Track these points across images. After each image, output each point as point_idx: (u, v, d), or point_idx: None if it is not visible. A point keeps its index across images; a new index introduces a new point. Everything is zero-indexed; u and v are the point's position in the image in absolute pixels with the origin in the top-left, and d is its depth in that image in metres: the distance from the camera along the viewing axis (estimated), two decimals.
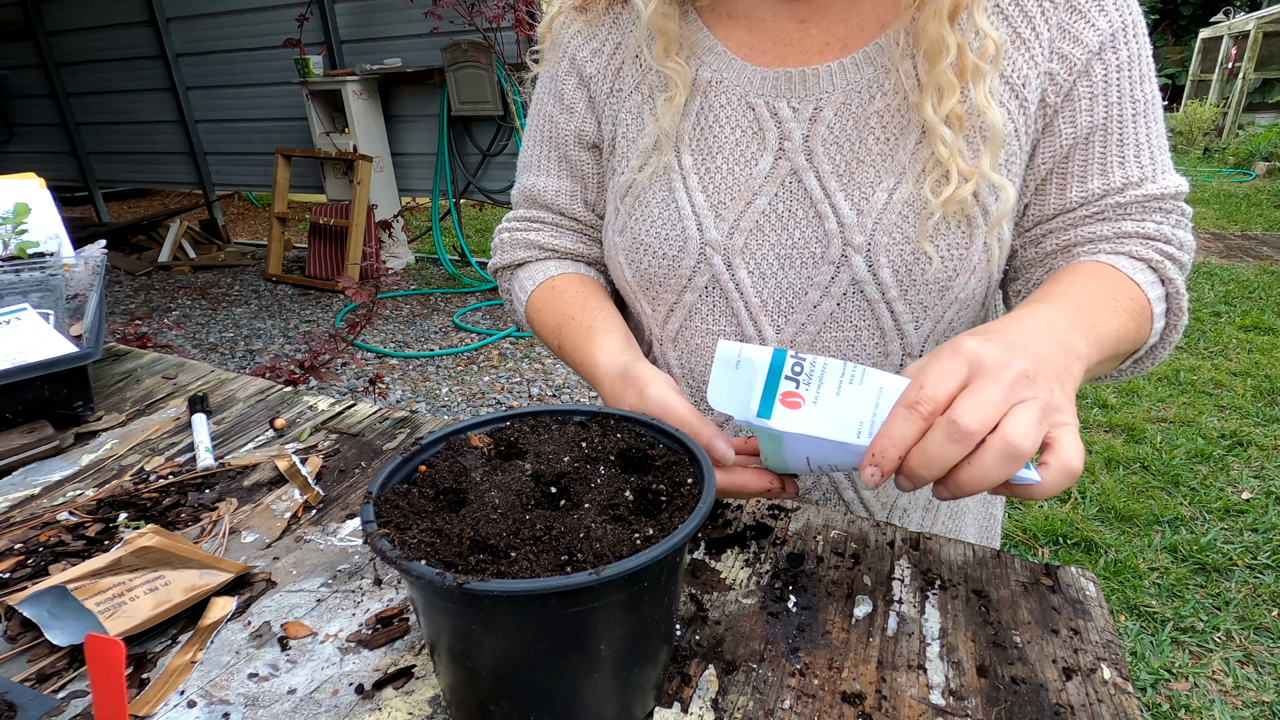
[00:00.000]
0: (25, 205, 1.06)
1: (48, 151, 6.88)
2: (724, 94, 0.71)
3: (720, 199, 0.71)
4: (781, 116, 0.69)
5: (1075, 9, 0.65)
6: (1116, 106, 0.67)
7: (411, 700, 0.49)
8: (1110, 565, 2.19)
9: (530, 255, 0.87)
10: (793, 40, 0.70)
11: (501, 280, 0.92)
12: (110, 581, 0.53)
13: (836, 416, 0.48)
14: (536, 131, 0.84)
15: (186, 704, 0.49)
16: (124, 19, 5.73)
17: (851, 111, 0.67)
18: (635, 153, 0.75)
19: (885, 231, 0.66)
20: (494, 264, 0.91)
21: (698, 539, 0.64)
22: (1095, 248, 0.69)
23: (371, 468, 0.77)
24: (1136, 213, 0.68)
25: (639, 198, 0.75)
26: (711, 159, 0.72)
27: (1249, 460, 2.73)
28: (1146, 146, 0.68)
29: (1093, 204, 0.69)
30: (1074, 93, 0.67)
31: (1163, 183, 0.68)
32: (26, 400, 0.82)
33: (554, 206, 0.85)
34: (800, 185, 0.69)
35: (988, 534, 0.90)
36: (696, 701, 0.48)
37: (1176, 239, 0.68)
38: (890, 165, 0.67)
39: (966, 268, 0.67)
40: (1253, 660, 1.85)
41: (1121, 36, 0.66)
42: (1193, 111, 10.04)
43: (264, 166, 5.60)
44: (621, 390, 0.64)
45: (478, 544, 0.42)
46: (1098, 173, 0.68)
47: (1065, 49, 0.66)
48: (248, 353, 4.11)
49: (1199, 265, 5.01)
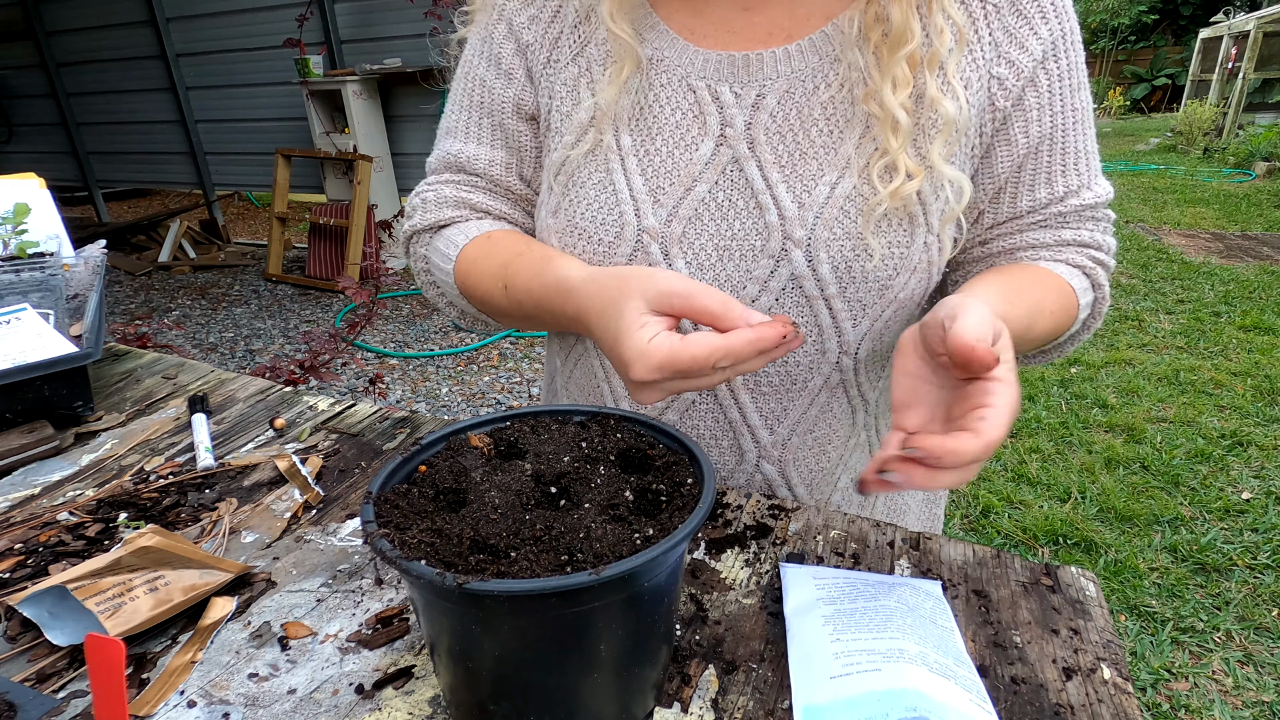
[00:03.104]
0: (25, 205, 1.06)
1: (48, 151, 6.88)
2: (665, 73, 0.69)
3: (659, 183, 0.69)
4: (723, 101, 0.67)
5: (1021, 14, 0.66)
6: (1061, 116, 0.69)
7: (411, 700, 0.49)
8: (1110, 565, 2.19)
9: (461, 215, 0.78)
10: (737, 28, 0.68)
11: (417, 245, 0.81)
12: (110, 581, 0.53)
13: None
14: (465, 96, 0.78)
15: (186, 704, 0.49)
16: (124, 19, 5.73)
17: (795, 100, 0.66)
18: (570, 128, 0.71)
19: (826, 226, 0.65)
20: (414, 225, 0.80)
21: (698, 539, 0.64)
22: (1037, 254, 0.73)
23: (371, 468, 0.77)
24: (1074, 221, 0.73)
25: (573, 177, 0.71)
26: (651, 141, 0.69)
27: (1249, 460, 2.73)
28: (1084, 154, 0.71)
29: (1039, 211, 0.72)
30: (1024, 101, 0.68)
31: (1096, 190, 0.73)
32: (26, 400, 0.82)
33: (487, 176, 0.78)
34: (741, 174, 0.67)
35: (929, 515, 0.92)
36: (696, 701, 0.48)
37: (1106, 245, 0.74)
38: (833, 158, 0.66)
39: (906, 267, 0.68)
40: (1253, 660, 1.85)
41: (1062, 45, 0.67)
42: (1193, 111, 10.04)
43: (264, 166, 5.60)
44: (618, 287, 0.56)
45: (478, 544, 0.42)
46: (1044, 181, 0.71)
47: (1013, 55, 0.66)
48: (248, 353, 4.11)
49: (1199, 265, 5.01)
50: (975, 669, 0.50)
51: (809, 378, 0.73)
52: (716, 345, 0.50)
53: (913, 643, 0.49)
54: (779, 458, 0.76)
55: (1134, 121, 15.39)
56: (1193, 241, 5.66)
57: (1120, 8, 18.90)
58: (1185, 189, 7.56)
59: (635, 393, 0.55)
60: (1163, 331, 3.95)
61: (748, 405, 0.74)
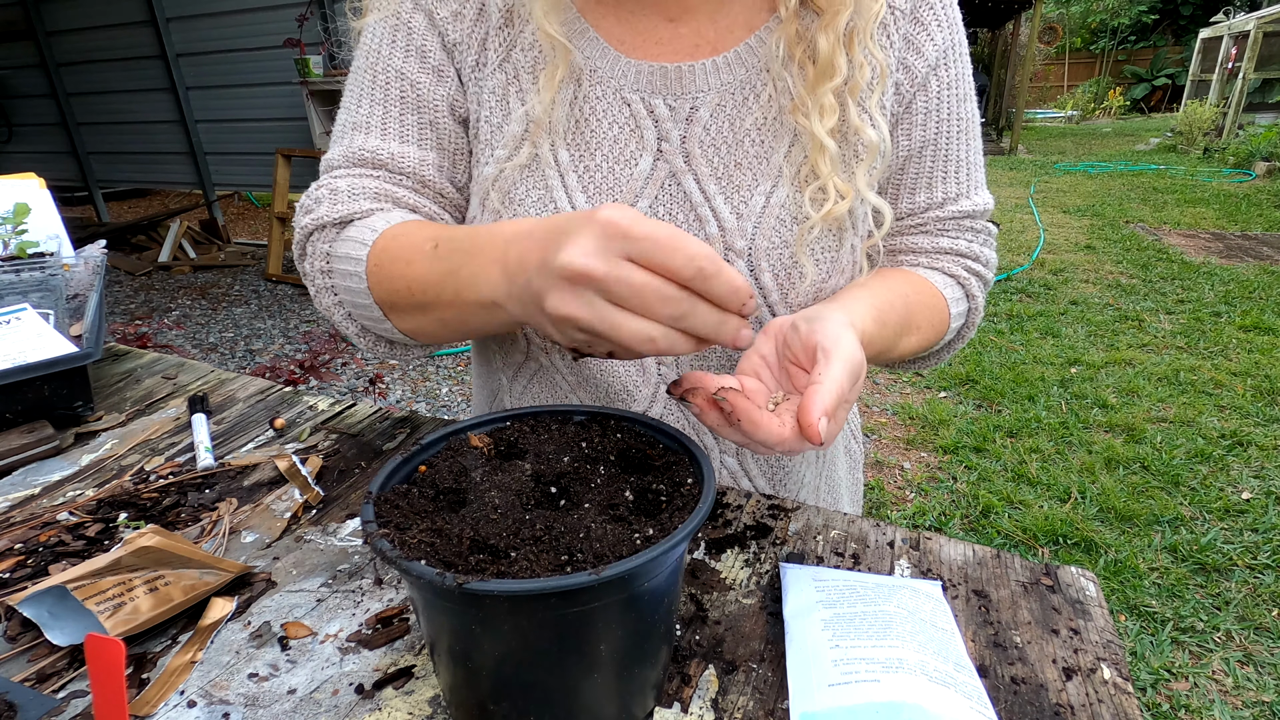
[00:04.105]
0: (25, 205, 1.06)
1: (48, 151, 6.88)
2: (599, 85, 0.67)
3: (601, 200, 0.68)
4: (658, 115, 0.67)
5: (918, 21, 0.68)
6: (946, 124, 0.71)
7: (411, 700, 0.49)
8: (1110, 565, 2.19)
9: (378, 206, 0.68)
10: (663, 39, 0.68)
11: (319, 240, 0.68)
12: (110, 581, 0.53)
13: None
14: (379, 90, 0.69)
15: (186, 704, 0.49)
16: (124, 19, 5.73)
17: (727, 113, 0.67)
18: (501, 141, 0.68)
19: (765, 236, 0.67)
20: (318, 218, 0.68)
21: (698, 539, 0.64)
22: (915, 259, 0.76)
23: (371, 468, 0.77)
24: (953, 229, 0.75)
25: (509, 194, 0.68)
26: (590, 156, 0.68)
27: (1249, 460, 2.73)
28: (965, 164, 0.73)
29: (918, 215, 0.75)
30: (913, 105, 0.70)
31: (975, 199, 0.75)
32: (26, 400, 0.82)
33: (416, 176, 0.70)
34: (680, 188, 0.68)
35: (854, 500, 0.94)
36: (696, 701, 0.48)
37: (984, 257, 0.76)
38: (766, 169, 0.67)
39: (838, 270, 0.70)
40: (1253, 660, 1.85)
41: (952, 54, 0.70)
42: (1193, 111, 10.05)
43: (264, 166, 5.60)
44: (563, 226, 0.46)
45: (478, 544, 0.42)
46: (924, 186, 0.73)
47: (909, 60, 0.69)
48: (248, 353, 4.11)
49: (1199, 265, 5.01)
50: (976, 671, 0.50)
51: None
52: (696, 253, 0.43)
53: (912, 650, 0.49)
54: (737, 450, 0.78)
55: (1134, 121, 15.39)
56: (1193, 241, 5.66)
57: (1120, 8, 18.91)
58: (1185, 189, 7.56)
59: (547, 293, 0.45)
60: (1163, 331, 3.95)
61: None
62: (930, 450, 2.90)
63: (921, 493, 2.62)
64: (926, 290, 0.72)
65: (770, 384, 0.57)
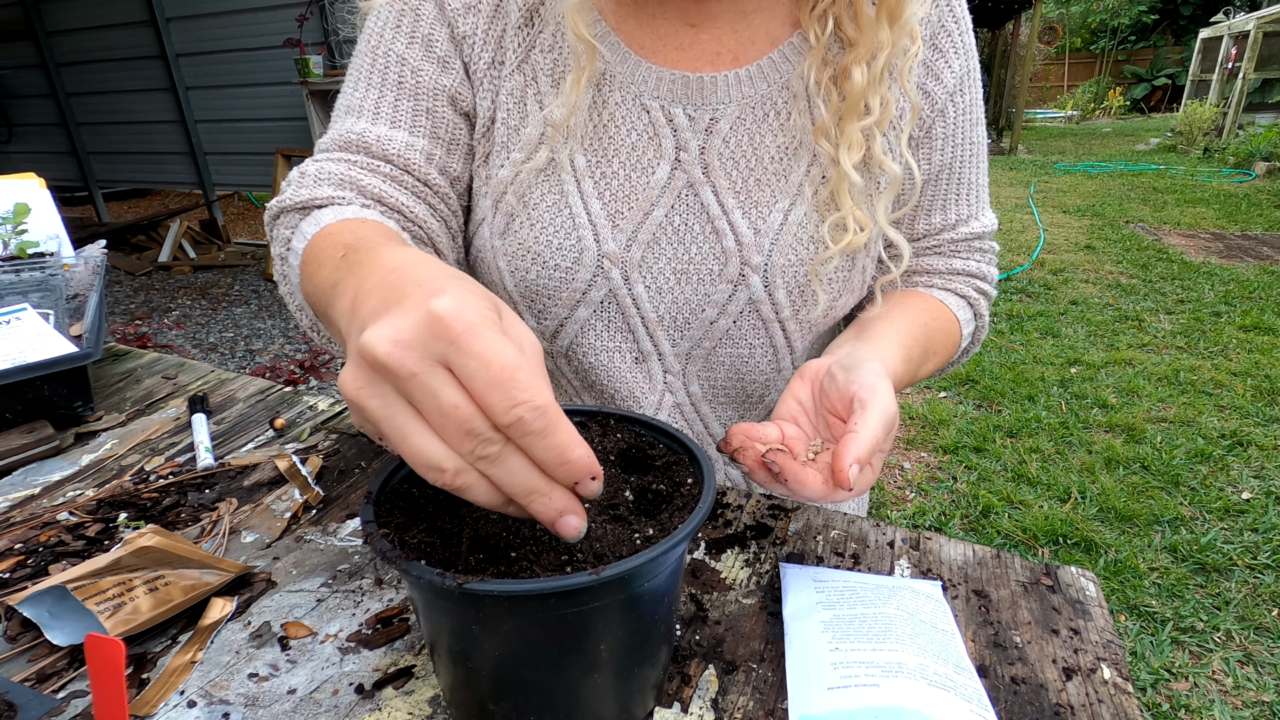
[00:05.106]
0: (25, 205, 1.06)
1: (48, 151, 6.88)
2: (619, 90, 0.67)
3: (617, 208, 0.67)
4: (677, 124, 0.67)
5: (937, 48, 0.69)
6: (961, 148, 0.73)
7: (411, 700, 0.49)
8: (1110, 565, 2.19)
9: (342, 195, 0.63)
10: (684, 44, 0.68)
11: (282, 225, 0.65)
12: (110, 581, 0.53)
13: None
14: (378, 74, 0.68)
15: (186, 704, 0.49)
16: (124, 19, 5.73)
17: (747, 127, 0.67)
18: (518, 145, 0.67)
19: (782, 253, 0.67)
20: (282, 201, 0.65)
21: (698, 539, 0.64)
22: (930, 280, 0.79)
23: (371, 468, 0.77)
24: (964, 250, 0.78)
25: (524, 199, 0.67)
26: (607, 163, 0.67)
27: (1249, 460, 2.73)
28: (976, 186, 0.76)
29: (933, 237, 0.77)
30: (933, 131, 0.72)
31: (984, 220, 0.78)
32: (26, 400, 0.82)
33: (398, 162, 0.67)
34: (697, 199, 0.67)
35: (858, 501, 0.95)
36: (696, 701, 0.48)
37: (990, 275, 0.79)
38: (785, 186, 0.67)
39: (849, 289, 0.72)
40: (1253, 660, 1.85)
41: (968, 80, 0.71)
42: (1193, 111, 10.04)
43: (264, 166, 5.60)
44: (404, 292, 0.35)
45: (478, 544, 0.42)
46: (939, 209, 0.76)
47: (929, 87, 0.70)
48: (248, 353, 4.10)
49: (1199, 265, 5.01)
50: (976, 672, 0.50)
51: (764, 393, 0.77)
52: (523, 399, 0.32)
53: (912, 653, 0.49)
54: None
55: (1134, 121, 15.39)
56: (1193, 241, 5.66)
57: (1120, 8, 18.91)
58: (1185, 189, 7.56)
59: (349, 362, 0.35)
60: (1163, 331, 3.95)
61: (709, 416, 0.78)
62: (930, 450, 2.90)
63: (921, 493, 2.62)
64: (943, 316, 0.75)
65: (808, 429, 0.59)
